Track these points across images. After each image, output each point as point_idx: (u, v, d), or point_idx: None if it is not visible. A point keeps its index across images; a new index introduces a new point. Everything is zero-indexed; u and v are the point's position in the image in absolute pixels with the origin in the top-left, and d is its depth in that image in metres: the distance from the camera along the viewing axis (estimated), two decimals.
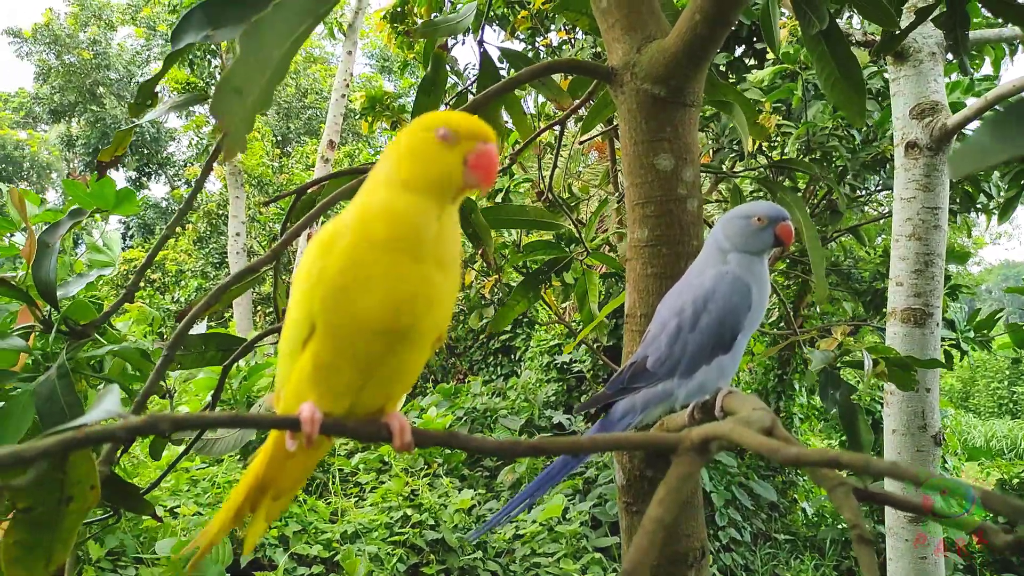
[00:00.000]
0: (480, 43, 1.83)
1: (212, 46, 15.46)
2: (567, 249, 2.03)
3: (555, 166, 2.07)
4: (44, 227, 1.19)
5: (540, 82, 1.74)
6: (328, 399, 0.70)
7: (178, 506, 4.46)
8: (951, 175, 2.91)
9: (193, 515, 4.29)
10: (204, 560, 2.33)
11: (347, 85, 11.52)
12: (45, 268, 1.06)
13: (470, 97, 1.90)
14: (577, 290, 2.13)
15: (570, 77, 1.98)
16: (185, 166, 22.48)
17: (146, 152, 23.05)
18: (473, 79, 2.00)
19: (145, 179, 23.70)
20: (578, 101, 1.70)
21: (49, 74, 22.06)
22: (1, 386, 1.02)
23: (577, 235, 2.05)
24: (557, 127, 1.92)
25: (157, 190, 25.51)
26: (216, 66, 17.72)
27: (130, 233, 23.36)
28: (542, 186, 2.49)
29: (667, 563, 1.22)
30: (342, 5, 12.73)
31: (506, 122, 2.18)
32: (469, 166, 0.71)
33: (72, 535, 0.61)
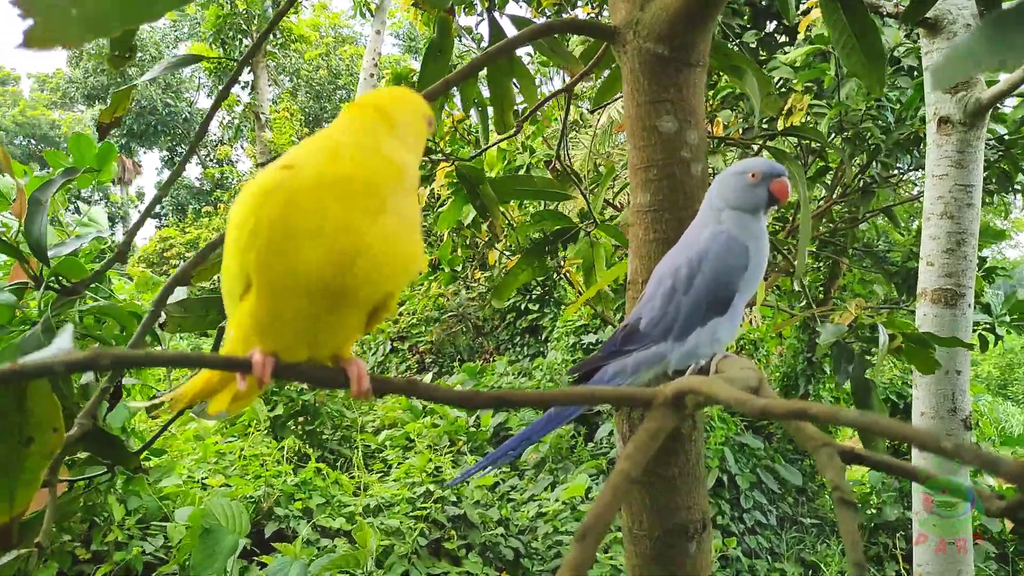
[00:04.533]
0: (489, 9, 1.80)
1: (242, 25, 15.55)
2: (575, 221, 2.01)
3: (563, 134, 2.03)
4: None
5: (551, 49, 1.70)
6: (276, 347, 0.67)
7: (206, 477, 4.55)
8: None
9: (220, 486, 4.37)
10: (219, 529, 2.37)
11: (375, 64, 11.53)
12: (37, 225, 1.07)
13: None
14: (584, 263, 2.10)
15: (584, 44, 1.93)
16: (217, 146, 22.74)
17: (179, 132, 23.38)
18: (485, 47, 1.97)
19: (177, 159, 24.01)
20: (586, 67, 1.67)
21: (81, 57, 22.43)
22: None
23: (586, 205, 2.02)
24: (567, 93, 1.89)
25: (190, 170, 25.86)
26: (246, 45, 17.85)
27: (164, 212, 23.77)
28: (556, 163, 2.46)
29: (666, 535, 1.20)
30: None
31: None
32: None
33: (36, 477, 0.61)
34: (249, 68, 18.34)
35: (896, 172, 5.42)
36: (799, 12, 4.96)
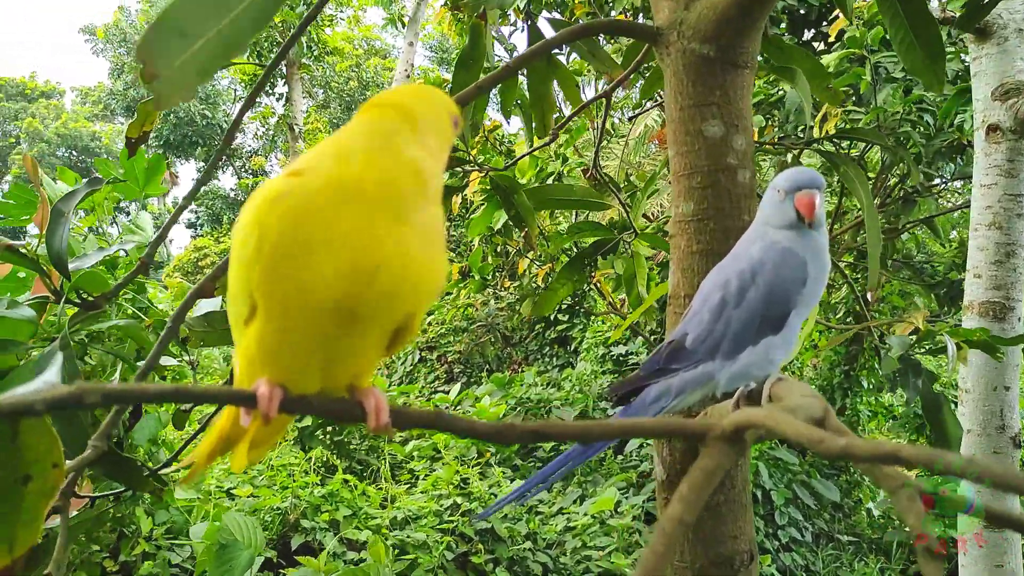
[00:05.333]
0: (527, 15, 1.75)
1: (278, 37, 15.76)
2: (614, 232, 1.94)
3: (600, 139, 1.97)
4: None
5: (590, 53, 1.64)
6: (284, 377, 0.60)
7: (234, 487, 4.54)
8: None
9: (248, 496, 4.36)
10: (235, 544, 2.33)
11: (407, 76, 11.58)
12: (58, 237, 1.03)
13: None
14: (625, 274, 2.03)
15: (621, 45, 1.87)
16: (251, 157, 23.04)
17: (215, 143, 23.74)
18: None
19: (213, 170, 24.38)
20: (627, 71, 1.60)
21: (123, 70, 22.90)
22: (9, 356, 0.99)
23: (625, 216, 1.95)
24: (604, 100, 1.83)
25: (225, 181, 26.24)
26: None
27: (200, 222, 24.13)
28: (594, 171, 2.40)
29: (711, 566, 1.12)
30: None
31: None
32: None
33: (38, 517, 0.56)
34: (284, 80, 18.57)
35: (938, 182, 5.27)
36: (830, 17, 4.86)
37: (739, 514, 1.13)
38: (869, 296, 4.34)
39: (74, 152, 27.50)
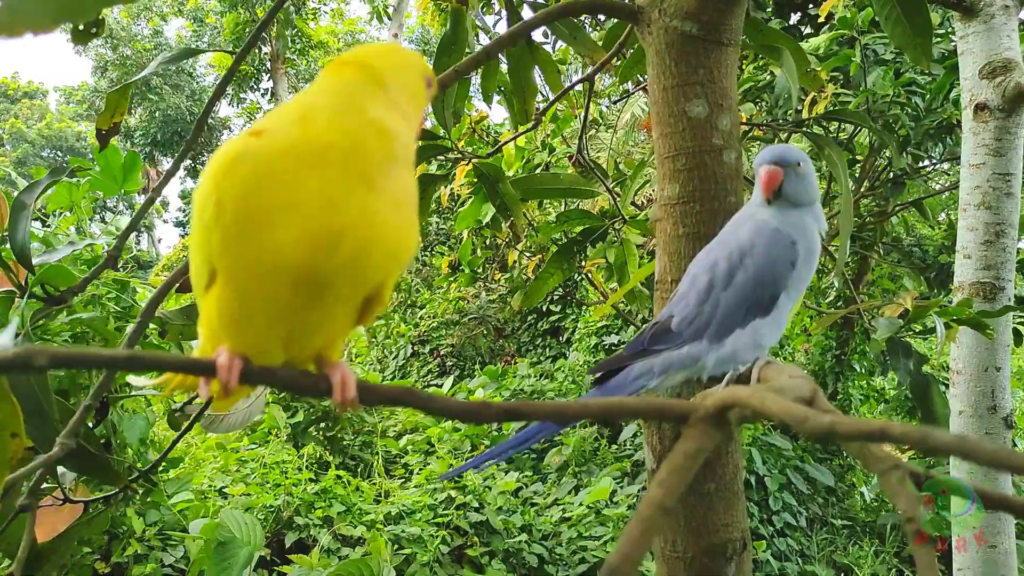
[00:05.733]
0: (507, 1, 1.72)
1: (265, 35, 15.67)
2: (603, 219, 1.91)
3: (584, 125, 1.94)
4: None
5: (571, 36, 1.62)
6: (247, 347, 0.57)
7: (226, 486, 4.52)
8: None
9: (241, 495, 4.33)
10: (233, 541, 2.31)
11: None
12: (20, 229, 1.00)
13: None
14: (616, 263, 2.01)
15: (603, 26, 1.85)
16: None
17: (201, 140, 23.59)
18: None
19: (200, 167, 24.25)
20: (609, 53, 1.58)
21: (106, 67, 22.69)
22: None
23: (610, 203, 1.93)
24: (588, 83, 1.80)
25: None
26: (266, 53, 17.93)
27: (188, 221, 24.01)
28: (579, 158, 2.37)
29: (703, 555, 1.10)
30: None
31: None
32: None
33: None
34: (269, 75, 18.43)
35: (927, 163, 5.26)
36: None
37: (731, 502, 1.11)
38: (834, 280, 4.32)
39: (59, 153, 27.27)
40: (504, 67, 1.77)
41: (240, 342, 0.57)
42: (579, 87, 2.01)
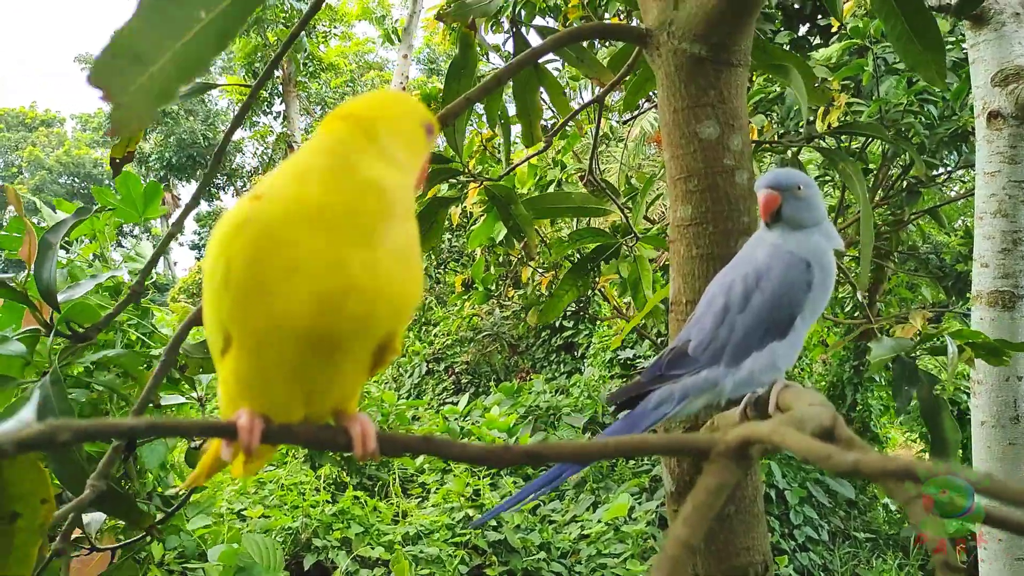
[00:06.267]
0: (513, 22, 1.73)
1: (273, 56, 15.83)
2: (616, 237, 1.91)
3: (595, 146, 1.95)
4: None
5: (578, 59, 1.63)
6: (266, 406, 0.58)
7: (244, 508, 4.52)
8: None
9: (259, 517, 4.33)
10: (254, 566, 2.31)
11: (403, 87, 11.61)
12: (47, 268, 1.01)
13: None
14: (630, 278, 2.00)
15: (611, 48, 1.86)
16: (252, 176, 23.09)
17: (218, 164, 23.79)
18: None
19: (215, 190, 24.48)
20: (617, 76, 1.58)
21: None
22: (7, 392, 0.97)
23: (622, 219, 1.93)
24: (597, 105, 1.81)
25: (227, 201, 26.30)
26: (278, 76, 18.09)
27: (204, 244, 24.19)
28: (590, 177, 2.38)
29: None
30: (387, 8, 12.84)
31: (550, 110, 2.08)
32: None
33: (29, 554, 0.54)
34: (281, 98, 18.61)
35: (941, 172, 5.23)
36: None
37: (751, 525, 1.10)
38: (859, 296, 4.29)
39: (76, 179, 27.65)
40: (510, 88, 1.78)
41: (259, 402, 0.58)
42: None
